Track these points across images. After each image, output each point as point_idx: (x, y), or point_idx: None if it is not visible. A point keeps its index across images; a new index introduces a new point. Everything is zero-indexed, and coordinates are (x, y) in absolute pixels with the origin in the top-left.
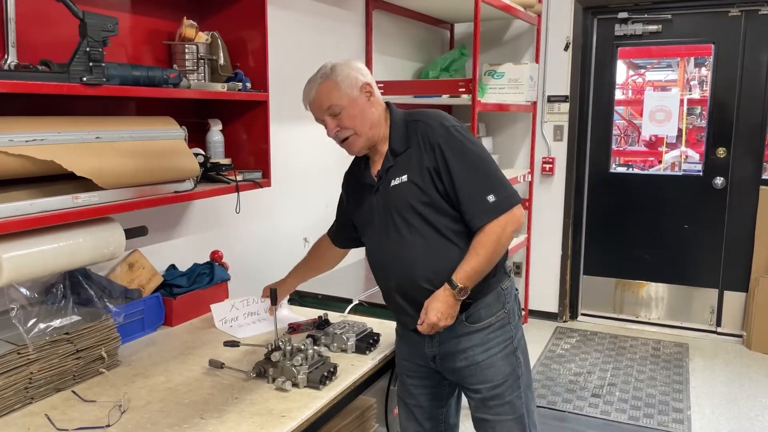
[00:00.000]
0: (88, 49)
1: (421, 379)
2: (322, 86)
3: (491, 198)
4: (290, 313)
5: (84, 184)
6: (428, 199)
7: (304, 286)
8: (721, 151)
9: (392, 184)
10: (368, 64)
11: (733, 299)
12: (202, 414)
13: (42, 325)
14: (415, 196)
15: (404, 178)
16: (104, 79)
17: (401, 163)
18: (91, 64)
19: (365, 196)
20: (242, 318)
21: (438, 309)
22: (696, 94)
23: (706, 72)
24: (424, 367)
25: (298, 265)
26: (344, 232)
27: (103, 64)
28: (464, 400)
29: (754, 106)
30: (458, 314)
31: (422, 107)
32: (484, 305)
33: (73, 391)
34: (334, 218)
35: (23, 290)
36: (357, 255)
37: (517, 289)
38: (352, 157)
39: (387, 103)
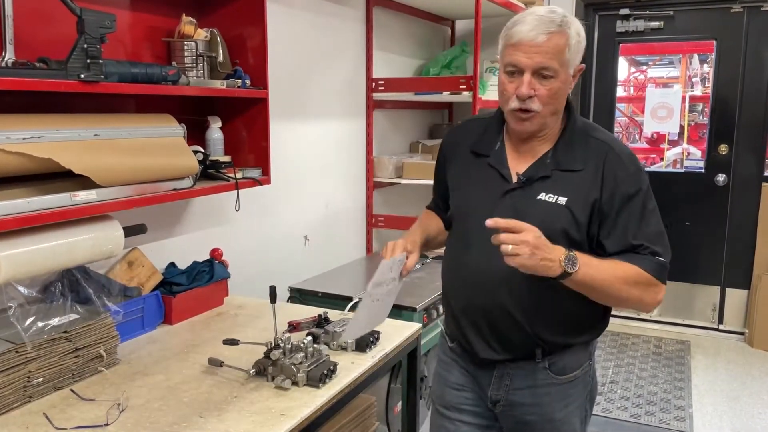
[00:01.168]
0: (85, 46)
1: (471, 414)
2: (555, 37)
3: (661, 259)
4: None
5: (82, 181)
6: (578, 236)
7: (303, 284)
8: (723, 148)
9: (540, 197)
10: (369, 61)
11: (735, 297)
12: (202, 413)
13: (40, 324)
14: (569, 224)
15: (562, 200)
16: (102, 77)
17: (563, 181)
18: (88, 61)
19: (485, 185)
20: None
21: (539, 234)
22: (698, 91)
23: (708, 69)
24: (478, 406)
25: (415, 230)
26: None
27: (101, 62)
28: None
29: (756, 103)
30: (540, 360)
31: (423, 104)
32: (571, 354)
33: (72, 390)
34: (334, 217)
35: (21, 288)
36: (358, 252)
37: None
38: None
39: (569, 101)
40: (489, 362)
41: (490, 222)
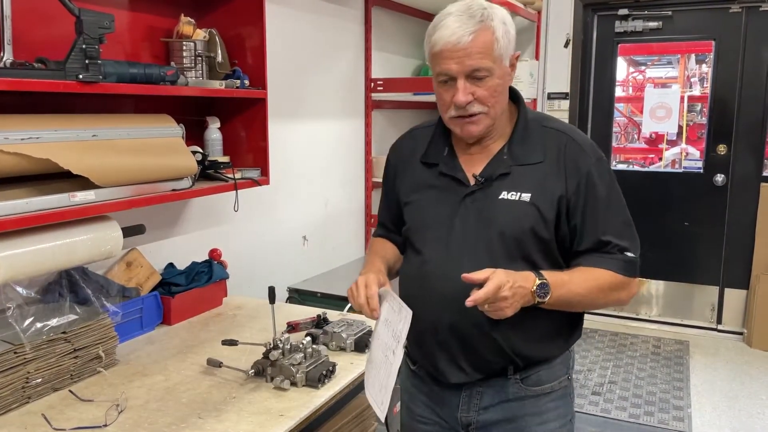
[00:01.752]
0: (84, 46)
1: None
2: (480, 35)
3: (630, 254)
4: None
5: (81, 182)
6: (547, 234)
7: (302, 285)
8: (721, 148)
9: (502, 196)
10: (367, 61)
11: (734, 296)
12: (200, 413)
13: (39, 324)
14: (536, 222)
15: (525, 196)
16: (101, 77)
17: (523, 176)
18: (87, 61)
19: (438, 192)
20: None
21: (513, 278)
22: (696, 91)
23: (706, 69)
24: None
25: (373, 260)
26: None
27: (99, 62)
28: None
29: (754, 103)
30: (513, 373)
31: (422, 104)
32: (547, 367)
33: (71, 391)
34: (333, 217)
35: (20, 289)
36: (357, 252)
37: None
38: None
39: (513, 91)
40: (457, 385)
41: (469, 302)
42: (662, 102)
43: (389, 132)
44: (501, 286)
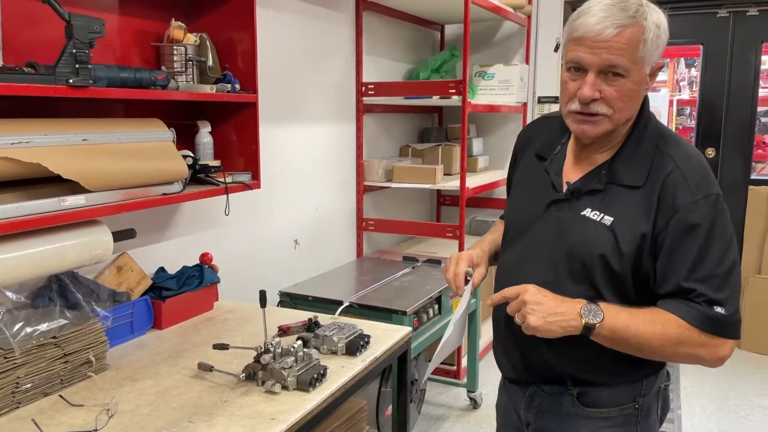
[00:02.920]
0: (74, 50)
1: None
2: (628, 30)
3: (719, 309)
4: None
5: (71, 186)
6: (619, 267)
7: (294, 289)
8: (710, 152)
9: (585, 212)
10: (358, 65)
11: None
12: (191, 418)
13: (29, 329)
14: (610, 251)
15: (608, 219)
16: (91, 81)
17: (615, 197)
18: (77, 65)
19: (535, 192)
20: None
21: (547, 308)
22: (685, 95)
23: (695, 73)
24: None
25: (484, 239)
26: None
27: (89, 66)
28: None
29: (742, 107)
30: (571, 387)
31: (413, 108)
32: (609, 390)
33: (61, 396)
34: (325, 221)
35: (10, 294)
36: (348, 256)
37: (668, 383)
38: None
39: (645, 103)
40: (524, 383)
41: (489, 302)
42: (651, 105)
43: (380, 136)
44: (522, 292)
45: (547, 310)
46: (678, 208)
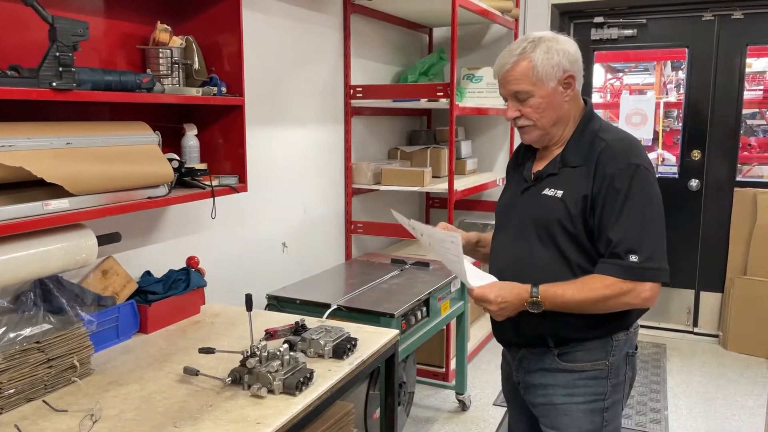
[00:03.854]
0: (57, 53)
1: (516, 408)
2: (518, 66)
3: (633, 257)
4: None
5: (55, 190)
6: (572, 228)
7: (281, 292)
8: (696, 154)
9: (544, 192)
10: (346, 68)
11: (710, 300)
12: (176, 422)
13: (12, 334)
14: (563, 216)
15: (559, 193)
16: (75, 84)
17: (565, 177)
18: (60, 69)
19: (514, 187)
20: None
21: (503, 294)
22: (672, 98)
23: (682, 75)
24: (518, 395)
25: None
26: None
27: (73, 69)
28: None
29: (727, 109)
30: (552, 347)
31: (401, 111)
32: (584, 348)
33: (44, 401)
34: (313, 224)
35: None
36: (337, 259)
37: (635, 352)
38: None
39: (586, 101)
40: (509, 344)
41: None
42: (638, 108)
43: (368, 138)
44: (483, 296)
45: (508, 308)
46: (606, 175)
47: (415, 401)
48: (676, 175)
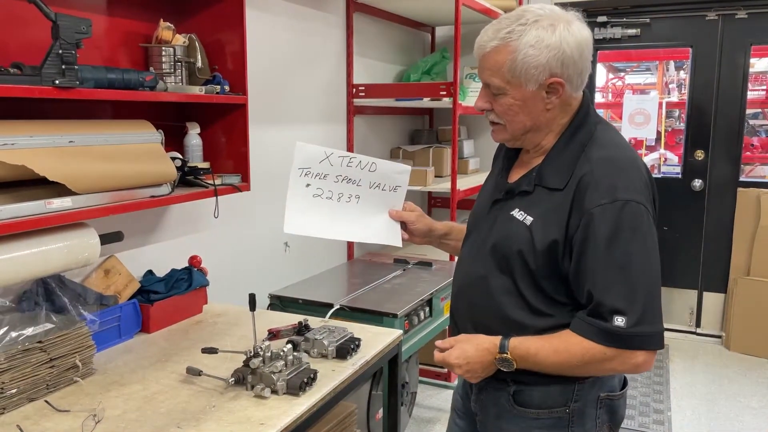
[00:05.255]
0: (60, 51)
1: (466, 422)
2: (495, 53)
3: (619, 320)
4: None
5: (57, 189)
6: (533, 264)
7: (284, 291)
8: (699, 154)
9: (513, 212)
10: (349, 67)
11: (713, 300)
12: (179, 423)
13: (14, 334)
14: (526, 247)
15: (528, 219)
16: (77, 82)
17: (538, 199)
18: (63, 66)
19: (489, 192)
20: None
21: (467, 355)
22: (675, 97)
23: (684, 75)
24: (470, 412)
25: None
26: None
27: (76, 67)
28: None
29: (731, 109)
30: (509, 383)
31: (404, 110)
32: (541, 391)
33: (47, 401)
34: None
35: None
36: (339, 258)
37: (617, 394)
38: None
39: (581, 109)
40: None
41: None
42: (641, 108)
43: (371, 138)
44: (443, 361)
45: (476, 371)
46: (584, 212)
47: (418, 401)
48: (679, 175)
